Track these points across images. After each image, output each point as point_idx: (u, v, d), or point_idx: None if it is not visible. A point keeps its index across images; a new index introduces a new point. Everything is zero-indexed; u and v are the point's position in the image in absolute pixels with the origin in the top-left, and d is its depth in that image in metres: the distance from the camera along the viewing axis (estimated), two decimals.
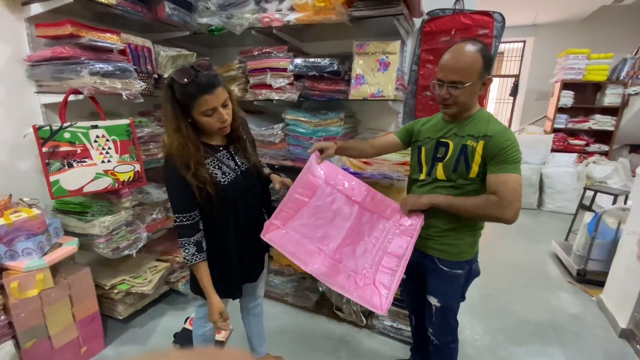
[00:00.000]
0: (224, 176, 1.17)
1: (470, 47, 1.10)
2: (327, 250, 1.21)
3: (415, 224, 1.29)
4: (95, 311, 1.75)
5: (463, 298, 1.37)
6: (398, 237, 1.31)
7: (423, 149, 1.31)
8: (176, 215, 1.13)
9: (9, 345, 1.49)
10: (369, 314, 2.02)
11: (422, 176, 1.31)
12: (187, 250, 1.14)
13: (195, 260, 1.15)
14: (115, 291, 1.81)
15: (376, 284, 1.21)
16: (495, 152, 1.12)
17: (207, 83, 1.02)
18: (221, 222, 1.20)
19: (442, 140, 1.24)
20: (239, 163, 1.24)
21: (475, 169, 1.16)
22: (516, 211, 1.10)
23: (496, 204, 1.10)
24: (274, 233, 1.19)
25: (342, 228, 1.27)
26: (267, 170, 1.40)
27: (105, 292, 1.81)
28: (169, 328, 1.95)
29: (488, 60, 1.12)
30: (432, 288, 1.34)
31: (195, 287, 1.29)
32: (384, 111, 2.01)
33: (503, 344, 1.94)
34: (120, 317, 1.86)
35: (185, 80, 1.00)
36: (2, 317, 1.47)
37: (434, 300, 1.32)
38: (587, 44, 4.55)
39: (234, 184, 1.19)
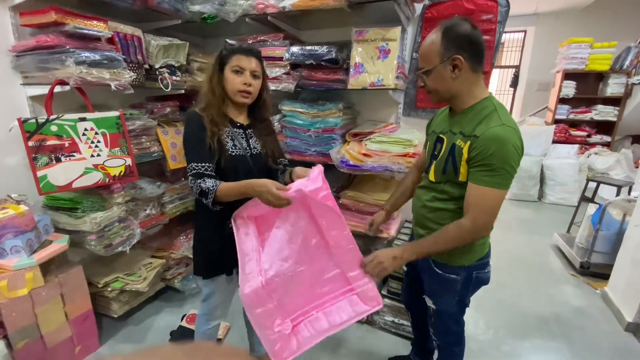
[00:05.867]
0: (233, 147, 1.19)
1: (434, 31, 1.01)
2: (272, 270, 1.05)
3: (370, 309, 1.13)
4: (88, 310, 1.71)
5: (464, 304, 1.23)
6: (348, 302, 1.14)
7: (428, 144, 1.23)
8: (190, 164, 1.12)
9: (0, 346, 1.44)
10: None
11: (424, 175, 1.24)
12: (204, 184, 1.07)
13: (217, 185, 1.07)
14: (109, 289, 1.76)
15: (294, 332, 1.08)
16: (477, 157, 0.98)
17: (247, 48, 1.18)
18: None
19: (440, 135, 1.14)
20: (251, 145, 1.25)
21: (463, 172, 1.04)
22: (488, 230, 1.04)
23: (469, 230, 1.01)
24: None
25: (292, 250, 1.09)
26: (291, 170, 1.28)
27: (98, 290, 1.77)
28: (166, 326, 1.90)
29: (452, 37, 0.98)
30: (427, 289, 1.28)
31: (198, 267, 1.28)
32: (384, 101, 1.94)
33: (506, 339, 1.90)
34: (115, 316, 1.81)
35: (234, 43, 1.21)
36: None
37: (429, 302, 1.26)
38: (589, 32, 4.47)
39: (241, 160, 1.19)
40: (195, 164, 1.11)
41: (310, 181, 1.04)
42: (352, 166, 1.72)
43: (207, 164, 1.11)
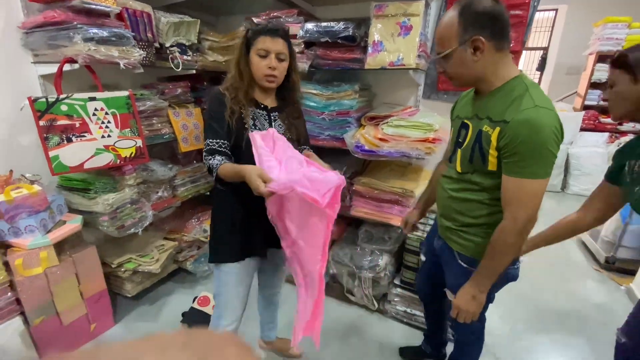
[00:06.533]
0: (253, 127, 1.13)
1: (449, 10, 0.93)
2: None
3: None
4: (103, 289, 1.73)
5: (489, 300, 1.14)
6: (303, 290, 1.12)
7: (451, 130, 1.14)
8: (206, 140, 1.11)
9: (17, 322, 1.48)
10: (381, 299, 1.94)
11: (448, 164, 1.15)
12: (212, 161, 1.07)
13: (221, 162, 1.06)
14: (122, 269, 1.78)
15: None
16: (509, 146, 0.88)
17: (273, 28, 1.10)
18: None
19: (465, 121, 1.05)
20: (273, 128, 1.18)
21: (492, 160, 0.95)
22: (533, 225, 0.94)
23: (512, 230, 0.93)
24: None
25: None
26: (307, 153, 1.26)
27: (112, 271, 1.79)
28: (178, 306, 1.92)
29: (470, 16, 0.89)
30: (450, 282, 1.21)
31: (214, 254, 1.23)
32: (402, 83, 1.83)
33: (524, 334, 1.84)
34: (129, 295, 1.84)
35: (260, 24, 1.12)
36: (9, 293, 1.45)
37: (451, 296, 1.19)
38: (627, 11, 4.12)
39: None
40: (210, 140, 1.10)
41: (321, 185, 0.94)
42: (367, 151, 1.64)
43: (221, 141, 1.10)
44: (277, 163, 1.03)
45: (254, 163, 1.01)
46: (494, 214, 1.01)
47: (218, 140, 1.10)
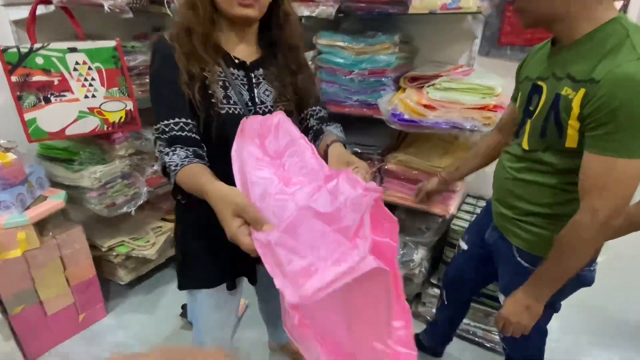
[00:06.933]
0: (225, 101, 0.72)
1: None
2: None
3: None
4: (92, 275, 1.53)
5: (554, 309, 0.93)
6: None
7: (519, 95, 0.88)
8: (158, 123, 0.70)
9: None
10: (413, 299, 1.65)
11: (513, 139, 0.91)
12: (169, 157, 0.67)
13: (183, 164, 0.66)
14: (114, 254, 1.57)
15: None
16: (597, 113, 0.65)
17: None
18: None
19: (538, 83, 0.80)
20: (257, 99, 0.77)
21: (572, 134, 0.72)
22: (619, 222, 0.70)
23: (589, 227, 0.71)
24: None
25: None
26: (329, 138, 0.77)
27: (103, 254, 1.58)
28: (177, 297, 1.68)
29: None
30: (504, 284, 0.99)
31: (183, 279, 0.88)
32: (455, 34, 1.44)
33: (588, 348, 1.52)
34: (122, 283, 1.63)
35: None
36: None
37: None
38: None
39: (234, 123, 0.68)
40: (166, 122, 0.69)
41: (349, 216, 0.49)
42: (408, 121, 1.31)
43: (182, 121, 0.69)
44: (274, 173, 0.59)
45: (216, 169, 0.65)
46: (567, 203, 0.79)
47: (177, 121, 0.69)
